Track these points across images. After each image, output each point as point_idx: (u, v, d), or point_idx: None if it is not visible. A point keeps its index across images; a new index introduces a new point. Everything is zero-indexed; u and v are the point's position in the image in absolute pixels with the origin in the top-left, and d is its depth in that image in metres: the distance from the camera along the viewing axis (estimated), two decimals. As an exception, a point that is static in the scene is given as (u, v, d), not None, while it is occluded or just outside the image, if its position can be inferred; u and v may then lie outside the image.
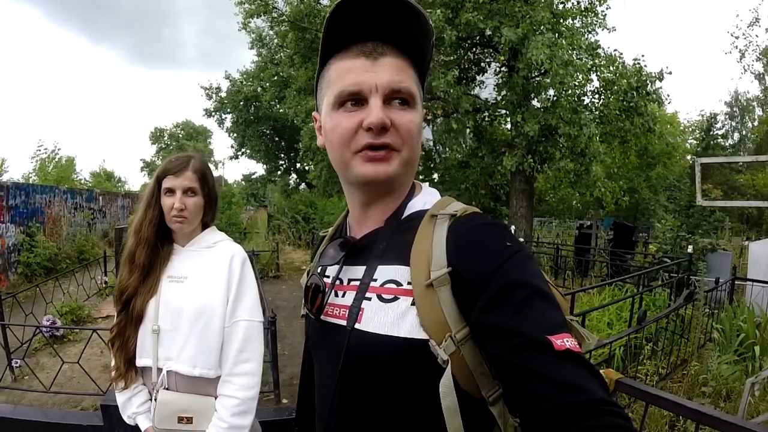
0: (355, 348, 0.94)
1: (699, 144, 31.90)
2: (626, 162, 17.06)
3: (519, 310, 0.77)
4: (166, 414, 1.72)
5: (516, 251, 0.84)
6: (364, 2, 0.86)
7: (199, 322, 1.76)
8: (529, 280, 0.80)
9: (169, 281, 1.83)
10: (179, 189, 1.80)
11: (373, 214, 1.04)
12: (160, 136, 51.08)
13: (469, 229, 0.89)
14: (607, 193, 11.34)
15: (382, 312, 0.92)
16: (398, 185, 0.99)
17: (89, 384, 4.75)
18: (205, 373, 1.75)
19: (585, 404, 0.68)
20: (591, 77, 10.62)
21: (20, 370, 5.57)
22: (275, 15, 17.30)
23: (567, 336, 0.74)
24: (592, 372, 0.73)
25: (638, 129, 10.61)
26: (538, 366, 0.72)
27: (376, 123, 0.87)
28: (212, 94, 26.89)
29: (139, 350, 1.80)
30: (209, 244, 1.92)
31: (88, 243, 13.64)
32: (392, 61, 0.90)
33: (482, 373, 0.85)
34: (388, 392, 0.91)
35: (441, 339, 0.84)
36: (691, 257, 8.42)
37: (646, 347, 4.90)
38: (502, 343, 0.77)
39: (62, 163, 18.94)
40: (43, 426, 3.68)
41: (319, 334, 1.08)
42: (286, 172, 31.32)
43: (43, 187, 13.14)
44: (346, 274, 1.05)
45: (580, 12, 10.73)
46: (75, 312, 7.44)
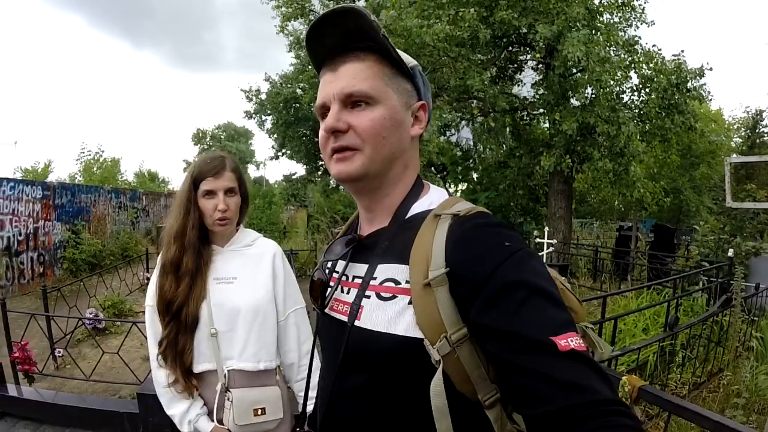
0: (354, 344, 0.96)
1: (744, 142, 30.72)
2: (668, 161, 16.63)
3: (519, 311, 0.76)
4: (243, 409, 1.76)
5: (515, 250, 0.83)
6: (320, 28, 0.95)
7: (256, 320, 1.82)
8: (529, 279, 0.80)
9: (216, 283, 1.84)
10: (221, 190, 1.80)
11: (376, 213, 1.07)
12: (202, 137, 52.11)
13: (468, 229, 0.89)
14: (647, 194, 11.08)
15: (380, 310, 0.94)
16: (377, 183, 1.02)
17: (128, 374, 4.90)
18: (268, 365, 1.84)
19: (591, 405, 0.67)
20: (629, 74, 10.38)
21: (62, 359, 5.81)
22: (312, 18, 17.49)
23: (571, 335, 0.73)
24: (598, 371, 0.72)
25: (679, 127, 10.31)
26: (542, 367, 0.72)
27: (327, 128, 0.97)
28: (252, 97, 27.23)
29: (196, 356, 1.80)
30: (248, 242, 1.96)
31: (131, 240, 14.05)
32: (349, 67, 0.97)
33: (479, 376, 0.84)
34: (383, 390, 0.92)
35: (436, 339, 0.84)
36: (731, 261, 8.15)
37: (679, 354, 4.72)
38: (502, 345, 0.76)
39: (107, 164, 19.53)
40: (82, 411, 3.86)
41: (325, 327, 1.11)
42: (326, 173, 31.49)
43: (88, 187, 13.65)
44: (351, 270, 1.08)
45: (617, 7, 10.51)
46: (117, 306, 7.70)
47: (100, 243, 12.42)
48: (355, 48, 0.97)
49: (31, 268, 10.45)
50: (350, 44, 0.97)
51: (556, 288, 0.82)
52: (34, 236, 10.58)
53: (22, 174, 17.25)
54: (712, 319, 5.07)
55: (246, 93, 27.28)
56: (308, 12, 17.16)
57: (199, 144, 52.04)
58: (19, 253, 10.12)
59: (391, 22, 9.30)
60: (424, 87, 1.06)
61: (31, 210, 10.54)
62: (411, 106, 1.03)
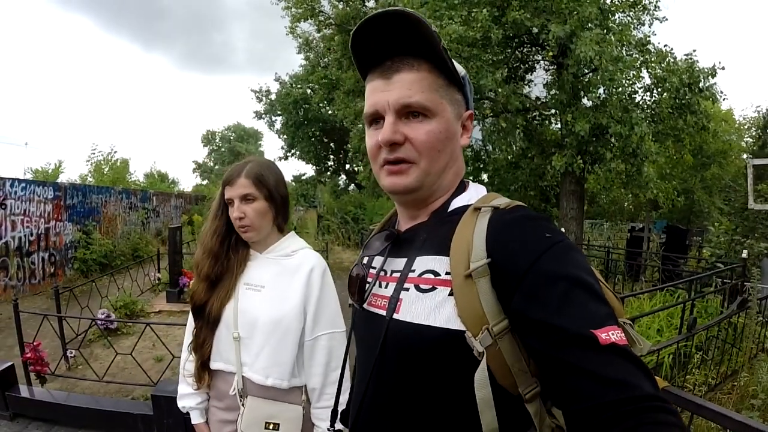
0: (393, 337, 0.96)
1: (756, 142, 30.41)
2: (680, 162, 16.52)
3: (560, 303, 0.75)
4: (255, 419, 1.74)
5: (556, 242, 0.83)
6: (373, 26, 0.92)
7: (275, 334, 1.77)
8: (570, 271, 0.79)
9: (245, 288, 1.83)
10: (236, 198, 1.79)
11: (419, 212, 1.07)
12: (212, 138, 52.34)
13: (509, 221, 0.88)
14: (660, 194, 11.00)
15: (419, 302, 0.93)
16: (428, 193, 1.02)
17: (140, 375, 4.91)
18: (277, 384, 1.77)
19: (632, 400, 0.66)
20: (642, 74, 10.30)
21: (74, 359, 5.82)
22: (321, 18, 17.53)
23: (613, 329, 0.72)
24: (640, 366, 0.71)
25: (692, 127, 10.22)
26: (583, 362, 0.70)
27: (385, 141, 0.95)
28: (262, 97, 27.34)
29: (214, 353, 1.83)
30: (287, 252, 1.89)
31: (142, 241, 14.14)
32: (405, 76, 0.95)
33: (520, 369, 0.83)
34: (422, 382, 0.91)
35: (478, 331, 0.83)
36: (745, 263, 8.07)
37: (695, 356, 4.69)
38: (543, 337, 0.76)
39: (117, 165, 19.64)
40: (95, 412, 3.86)
41: (362, 323, 1.11)
42: (336, 173, 31.58)
43: (99, 187, 13.70)
44: (389, 265, 1.08)
45: (629, 6, 10.44)
46: (129, 306, 7.73)
47: (111, 243, 12.50)
48: (408, 54, 0.96)
49: (42, 268, 10.49)
50: (403, 50, 0.95)
51: (597, 281, 0.81)
52: (45, 236, 10.62)
53: (33, 175, 17.35)
54: (726, 320, 5.03)
55: (256, 93, 27.45)
56: (318, 13, 17.21)
57: (209, 145, 52.31)
58: (30, 253, 10.16)
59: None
60: (470, 94, 1.06)
61: (42, 210, 10.59)
62: (461, 116, 1.03)
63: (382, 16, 0.90)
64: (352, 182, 29.74)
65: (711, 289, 7.26)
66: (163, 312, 8.17)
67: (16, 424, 3.95)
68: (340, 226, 18.61)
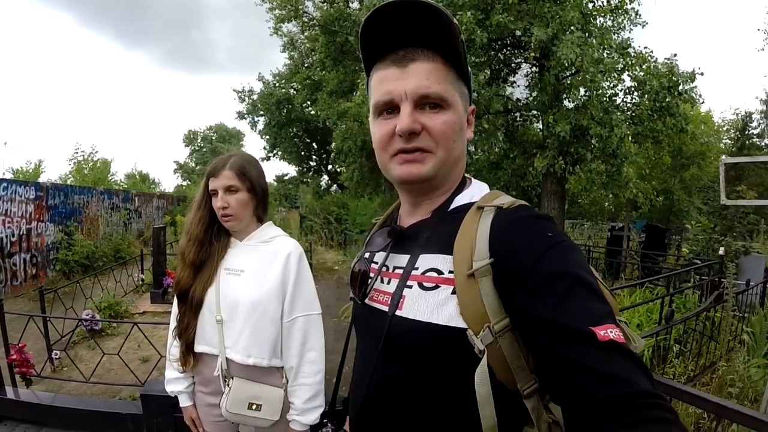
0: (395, 333, 0.97)
1: (734, 144, 31.01)
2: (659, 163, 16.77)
3: (561, 301, 0.77)
4: (239, 399, 1.83)
5: (558, 241, 0.84)
6: (389, 12, 0.92)
7: (253, 315, 1.86)
8: (571, 269, 0.80)
9: (226, 273, 1.93)
10: (220, 189, 1.89)
11: (421, 207, 1.09)
12: (194, 138, 51.91)
13: (512, 221, 0.90)
14: (640, 194, 11.19)
15: (422, 299, 0.95)
16: (440, 183, 1.04)
17: (126, 376, 4.91)
18: (258, 362, 1.86)
19: (630, 396, 0.67)
20: (622, 77, 10.47)
21: (59, 361, 5.78)
22: (306, 20, 17.54)
23: (611, 327, 0.73)
24: (638, 364, 0.72)
25: (671, 129, 10.41)
26: (581, 357, 0.72)
27: (404, 130, 0.94)
28: (245, 97, 27.20)
29: (198, 337, 1.91)
30: (266, 239, 2.00)
31: (124, 242, 14.01)
32: (421, 66, 0.95)
33: (519, 366, 0.85)
34: (423, 378, 0.93)
35: (479, 329, 0.85)
36: (722, 259, 8.28)
37: (674, 348, 4.84)
38: (544, 334, 0.77)
39: (98, 164, 19.44)
40: (84, 413, 3.82)
41: (364, 318, 1.13)
42: (318, 174, 31.53)
43: (81, 188, 13.58)
44: (392, 261, 1.10)
45: (610, 10, 10.61)
46: (113, 307, 7.69)
47: (93, 244, 12.37)
48: (422, 45, 0.96)
49: (24, 269, 10.37)
50: (418, 41, 0.95)
51: (596, 280, 0.84)
52: (27, 237, 10.50)
53: (13, 174, 17.11)
54: (704, 314, 5.18)
55: (239, 93, 27.27)
56: (302, 14, 17.21)
57: (191, 145, 51.83)
58: (11, 254, 10.04)
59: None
60: (471, 90, 1.07)
61: (24, 211, 10.47)
62: (467, 110, 1.05)
63: (402, 4, 0.89)
64: (335, 183, 29.71)
65: (689, 284, 7.44)
66: (148, 313, 8.14)
67: (3, 426, 3.90)
68: (323, 226, 18.58)
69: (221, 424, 1.98)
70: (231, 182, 1.89)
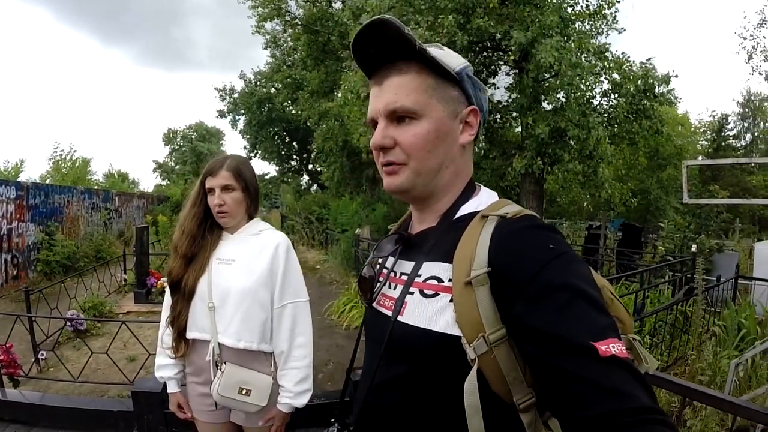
0: (396, 338, 0.99)
1: (710, 145, 31.70)
2: (636, 163, 17.09)
3: (561, 313, 0.76)
4: (230, 384, 1.93)
5: (560, 253, 0.83)
6: (362, 38, 0.97)
7: (244, 302, 1.98)
8: (572, 282, 0.79)
9: (218, 263, 2.06)
10: (217, 187, 2.02)
11: (427, 215, 1.10)
12: (173, 137, 51.30)
13: (514, 230, 0.89)
14: (615, 194, 11.45)
15: (422, 306, 0.96)
16: (425, 193, 1.05)
17: (114, 376, 4.95)
18: (248, 346, 1.98)
19: (630, 412, 0.67)
20: (600, 79, 10.74)
21: (45, 362, 5.79)
22: (288, 18, 17.56)
23: (613, 341, 0.73)
24: (639, 379, 0.72)
25: (646, 131, 10.69)
26: (582, 371, 0.71)
27: (373, 146, 1.02)
28: (226, 96, 27.05)
29: (190, 324, 2.03)
30: (255, 231, 2.14)
31: (105, 242, 13.86)
32: (392, 81, 0.99)
33: (515, 378, 0.83)
34: (421, 383, 0.94)
35: (473, 338, 0.84)
36: (695, 256, 8.54)
37: (647, 340, 5.02)
38: (542, 347, 0.76)
39: (77, 164, 19.25)
40: (75, 412, 3.82)
41: (371, 321, 1.16)
42: (298, 173, 31.45)
43: (61, 187, 13.44)
44: (399, 267, 1.11)
45: (588, 15, 10.84)
46: (97, 307, 7.67)
47: (74, 245, 12.24)
48: (398, 58, 0.99)
49: (5, 270, 10.24)
50: (393, 55, 0.98)
51: (599, 292, 0.83)
52: (8, 238, 10.37)
53: (-8, 174, 16.85)
54: (676, 308, 5.38)
55: (220, 91, 27.10)
56: (284, 13, 17.23)
57: (170, 144, 51.20)
58: (-7, 255, 9.92)
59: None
60: (474, 89, 1.05)
61: (5, 211, 10.33)
62: (459, 113, 1.03)
63: (367, 27, 0.94)
64: (315, 182, 29.66)
65: (663, 280, 7.67)
66: (132, 313, 8.12)
67: (-7, 427, 3.93)
68: (305, 226, 18.59)
69: (214, 413, 2.09)
70: (228, 182, 2.03)
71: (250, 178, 2.12)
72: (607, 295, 0.99)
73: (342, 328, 7.13)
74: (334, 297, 8.65)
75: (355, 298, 7.81)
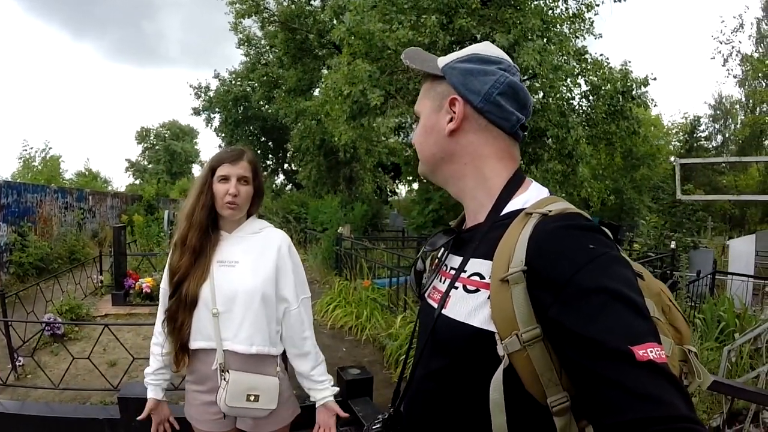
0: (439, 330, 1.01)
1: (683, 146, 32.39)
2: (612, 163, 17.38)
3: (597, 317, 0.75)
4: (237, 392, 1.86)
5: (599, 254, 0.81)
6: None
7: (253, 304, 1.92)
8: (610, 284, 0.77)
9: (219, 266, 1.97)
10: (234, 176, 1.94)
11: (470, 207, 1.12)
12: (146, 135, 50.54)
13: (553, 229, 0.87)
14: (594, 193, 11.62)
15: (464, 301, 0.98)
16: (440, 178, 1.16)
17: (94, 381, 4.82)
18: (261, 350, 1.93)
19: (664, 420, 0.65)
20: (579, 81, 10.89)
21: (23, 368, 5.61)
22: (266, 15, 17.41)
23: (652, 345, 0.71)
24: (676, 386, 0.70)
25: (623, 132, 10.89)
26: (618, 375, 0.70)
27: None
28: (201, 93, 26.69)
29: (193, 333, 1.94)
30: (255, 230, 2.07)
31: (79, 243, 13.49)
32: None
33: (550, 379, 0.82)
34: (456, 376, 0.96)
35: (507, 335, 0.84)
36: (674, 252, 8.70)
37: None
38: (578, 350, 0.76)
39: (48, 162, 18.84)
40: (59, 421, 3.70)
41: (422, 313, 1.19)
42: (274, 173, 31.24)
43: (34, 186, 13.02)
44: (450, 262, 1.14)
45: (569, 18, 10.98)
46: (74, 310, 7.44)
47: (48, 246, 11.86)
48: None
49: (-23, 273, 9.86)
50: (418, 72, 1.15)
51: (640, 295, 0.81)
52: (-21, 239, 9.96)
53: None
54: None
55: (195, 89, 26.74)
56: (262, 10, 17.07)
57: (143, 143, 50.41)
58: (-37, 257, 9.58)
59: (355, 26, 9.44)
60: (465, 77, 1.06)
61: (-25, 210, 9.91)
62: (444, 106, 1.08)
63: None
64: (291, 182, 29.50)
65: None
66: (110, 315, 7.94)
67: (-29, 438, 3.78)
68: (282, 225, 18.46)
69: (220, 422, 2.01)
70: (246, 173, 1.97)
71: (261, 177, 2.08)
72: (665, 302, 0.98)
73: (327, 328, 7.08)
74: (317, 296, 8.57)
75: (338, 298, 7.77)
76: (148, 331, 6.25)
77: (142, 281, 8.44)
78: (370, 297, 7.41)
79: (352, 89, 9.67)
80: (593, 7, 11.08)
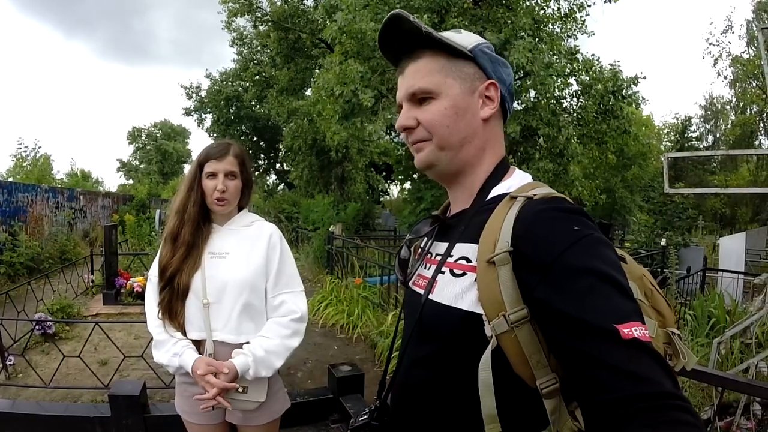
0: (426, 316, 1.01)
1: (674, 146, 32.60)
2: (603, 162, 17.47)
3: (584, 296, 0.76)
4: None
5: (584, 235, 0.82)
6: (383, 36, 1.07)
7: (242, 294, 1.93)
8: (596, 265, 0.78)
9: (211, 257, 1.98)
10: (221, 172, 1.96)
11: (458, 195, 1.12)
12: (138, 135, 50.29)
13: (539, 211, 0.88)
14: (585, 192, 11.67)
15: (451, 285, 0.98)
16: (453, 167, 1.07)
17: (85, 380, 4.80)
18: (250, 339, 1.93)
19: (652, 396, 0.66)
20: (570, 81, 10.94)
21: (13, 367, 5.59)
22: (259, 14, 17.39)
23: (636, 324, 0.72)
24: (661, 364, 0.71)
25: (614, 131, 10.95)
26: (603, 355, 0.70)
27: (398, 127, 1.09)
28: (192, 93, 26.59)
29: (187, 324, 1.95)
30: (246, 223, 2.09)
31: (70, 243, 13.39)
32: (410, 68, 1.06)
33: (538, 361, 0.82)
34: (445, 361, 0.96)
35: (494, 316, 0.84)
36: (664, 250, 8.76)
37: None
38: (565, 329, 0.76)
39: (39, 162, 18.71)
40: (50, 419, 3.72)
41: (408, 300, 1.19)
42: (265, 173, 31.18)
43: (25, 185, 12.93)
44: (434, 248, 1.14)
45: (560, 18, 11.03)
46: (65, 310, 7.41)
47: (39, 245, 11.78)
48: (416, 47, 1.05)
49: (-32, 272, 9.77)
50: (411, 45, 1.05)
51: (624, 276, 0.81)
52: (-30, 238, 9.86)
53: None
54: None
55: (186, 89, 26.62)
56: (255, 9, 17.05)
57: (135, 143, 50.18)
58: (-46, 256, 9.49)
59: (346, 24, 9.43)
60: (493, 64, 1.06)
61: (-33, 210, 9.83)
62: (477, 88, 1.04)
63: (385, 25, 1.03)
64: (283, 181, 29.45)
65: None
66: (101, 315, 7.89)
67: (-38, 438, 3.77)
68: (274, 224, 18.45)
69: (209, 414, 2.00)
70: (233, 168, 1.99)
71: (249, 170, 2.10)
72: (647, 285, 0.99)
73: (318, 327, 7.06)
74: (309, 295, 8.54)
75: (330, 296, 7.76)
76: (139, 329, 6.27)
77: (134, 280, 8.40)
78: (362, 295, 7.43)
79: (344, 89, 9.67)
80: (584, 8, 11.13)
